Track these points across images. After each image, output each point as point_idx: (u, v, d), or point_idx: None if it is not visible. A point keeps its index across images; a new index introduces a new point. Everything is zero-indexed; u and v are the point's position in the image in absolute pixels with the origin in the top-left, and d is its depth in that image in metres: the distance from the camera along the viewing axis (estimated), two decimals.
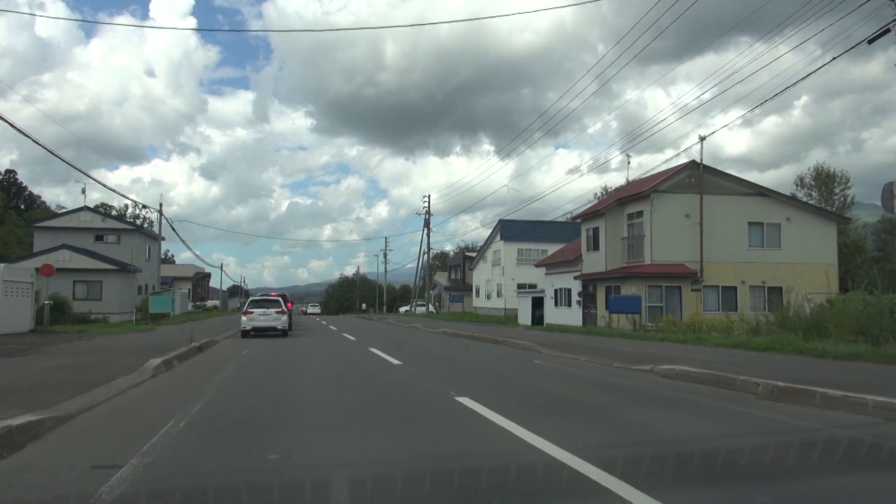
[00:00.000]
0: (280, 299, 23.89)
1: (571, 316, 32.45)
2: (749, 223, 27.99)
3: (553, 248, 43.71)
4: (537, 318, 35.56)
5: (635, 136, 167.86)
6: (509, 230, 50.30)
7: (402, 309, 76.90)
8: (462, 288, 64.84)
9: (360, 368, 12.51)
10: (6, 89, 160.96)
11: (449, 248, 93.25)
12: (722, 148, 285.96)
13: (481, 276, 56.74)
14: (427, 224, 60.31)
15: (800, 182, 59.84)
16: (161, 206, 43.87)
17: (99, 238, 41.67)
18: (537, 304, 36.59)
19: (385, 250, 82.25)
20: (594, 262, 30.49)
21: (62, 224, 41.85)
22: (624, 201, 29.62)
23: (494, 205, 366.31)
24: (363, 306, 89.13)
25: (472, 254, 66.62)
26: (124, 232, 43.30)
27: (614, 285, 28.18)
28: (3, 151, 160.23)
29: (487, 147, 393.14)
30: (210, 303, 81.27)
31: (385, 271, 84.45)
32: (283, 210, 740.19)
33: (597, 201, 41.69)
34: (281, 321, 22.97)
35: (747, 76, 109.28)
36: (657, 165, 63.86)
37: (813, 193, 57.02)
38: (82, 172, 45.95)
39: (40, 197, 77.10)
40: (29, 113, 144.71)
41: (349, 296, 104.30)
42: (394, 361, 13.16)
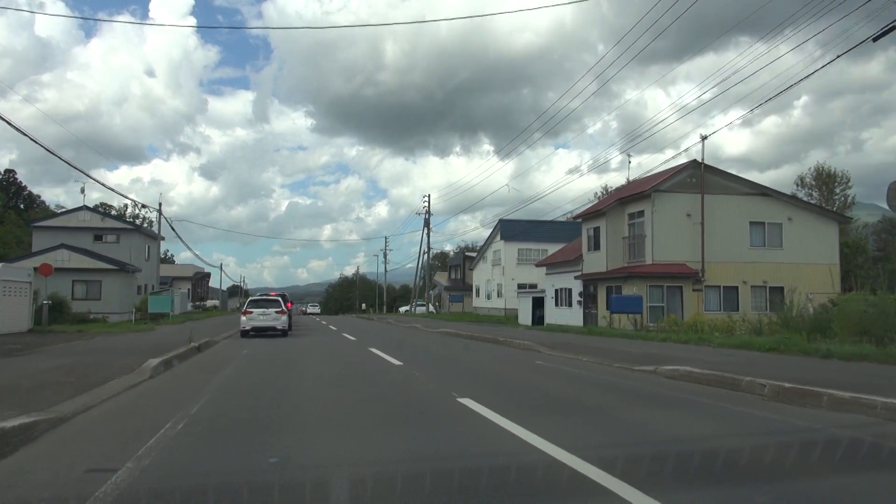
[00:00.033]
0: (280, 299, 23.78)
1: (572, 316, 32.36)
2: (751, 223, 27.90)
3: (553, 248, 43.63)
4: (538, 318, 35.47)
5: (635, 137, 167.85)
6: (509, 230, 50.19)
7: (402, 309, 76.77)
8: (462, 288, 64.73)
9: (361, 369, 12.45)
10: (6, 89, 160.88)
11: (449, 248, 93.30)
12: (722, 148, 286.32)
13: (481, 276, 56.64)
14: (427, 224, 60.25)
15: (800, 182, 59.82)
16: (160, 206, 43.76)
17: (98, 238, 41.57)
18: (538, 304, 36.50)
19: (385, 250, 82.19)
20: (595, 262, 30.39)
21: (61, 224, 41.75)
22: (625, 201, 29.51)
23: (494, 205, 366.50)
24: (363, 306, 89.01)
25: (472, 254, 66.51)
26: (123, 231, 43.20)
27: (615, 285, 28.08)
28: (3, 151, 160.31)
29: (487, 147, 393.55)
30: (210, 303, 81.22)
31: (385, 271, 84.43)
32: (283, 210, 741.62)
33: (597, 201, 41.60)
34: (280, 321, 22.87)
35: (747, 76, 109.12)
36: (657, 165, 63.80)
37: (813, 193, 56.93)
38: (82, 172, 45.85)
39: (40, 196, 77.03)
40: (29, 113, 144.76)
41: (349, 296, 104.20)
42: (394, 362, 13.07)
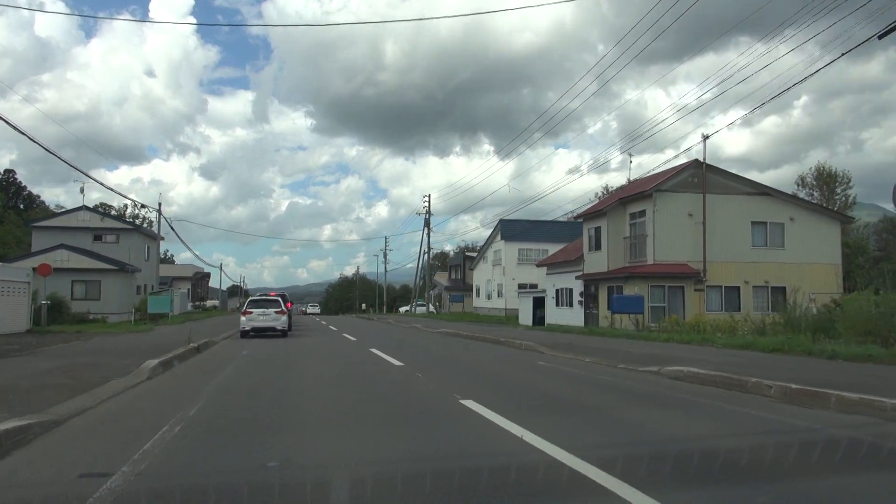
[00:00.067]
0: (279, 299, 23.63)
1: (573, 316, 32.24)
2: (752, 222, 27.77)
3: (554, 248, 43.51)
4: (538, 319, 35.34)
5: (635, 137, 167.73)
6: (510, 230, 50.06)
7: (403, 309, 76.64)
8: (462, 288, 64.61)
9: (361, 369, 12.36)
10: (6, 89, 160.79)
11: (449, 248, 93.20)
12: (722, 148, 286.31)
13: (482, 276, 56.51)
14: (427, 224, 60.09)
15: (801, 182, 59.70)
16: (160, 206, 43.61)
17: (97, 238, 41.43)
18: (538, 305, 36.38)
19: (385, 250, 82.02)
20: (596, 262, 30.27)
21: (60, 224, 41.61)
22: (626, 201, 29.39)
23: (494, 205, 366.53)
24: (363, 306, 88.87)
25: (473, 254, 66.39)
26: (123, 231, 43.07)
27: (616, 285, 27.96)
28: (3, 151, 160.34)
29: (487, 147, 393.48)
30: (209, 303, 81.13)
31: (385, 271, 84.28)
32: (283, 210, 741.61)
33: (598, 201, 41.49)
34: (280, 321, 22.73)
35: (748, 77, 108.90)
36: (658, 166, 63.67)
37: (814, 193, 56.81)
38: (82, 172, 45.54)
39: (39, 196, 76.91)
40: (29, 113, 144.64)
41: (349, 296, 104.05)
42: (395, 362, 12.95)
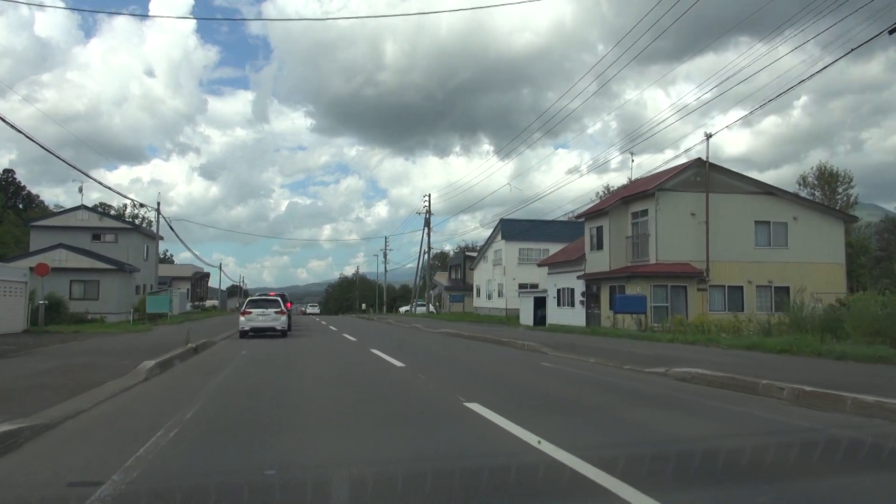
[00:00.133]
0: (279, 299, 23.42)
1: (575, 316, 32.04)
2: (756, 222, 27.57)
3: (555, 248, 43.34)
4: (539, 319, 35.13)
5: (635, 137, 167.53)
6: (510, 229, 49.86)
7: (403, 309, 76.44)
8: (463, 288, 64.42)
9: (361, 370, 12.24)
10: (6, 89, 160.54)
11: (448, 248, 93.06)
12: (722, 148, 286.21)
13: (482, 276, 56.30)
14: (427, 223, 59.88)
15: (802, 181, 59.54)
16: (159, 205, 43.38)
17: (96, 237, 41.20)
18: (539, 304, 36.16)
19: (385, 250, 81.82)
20: (598, 262, 30.08)
21: (59, 223, 41.37)
22: (628, 200, 29.19)
23: (494, 205, 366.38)
24: (363, 306, 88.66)
25: (473, 254, 66.20)
26: (122, 231, 42.84)
27: (619, 285, 27.76)
28: (3, 151, 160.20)
29: (487, 147, 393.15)
30: (209, 303, 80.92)
31: (385, 271, 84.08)
32: (283, 210, 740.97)
33: (599, 200, 41.30)
34: (280, 321, 22.53)
35: (748, 77, 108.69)
36: (658, 166, 63.46)
37: (816, 193, 56.64)
38: (81, 172, 45.17)
39: (38, 196, 76.69)
40: (28, 113, 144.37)
41: (349, 296, 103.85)
42: (396, 363, 12.76)
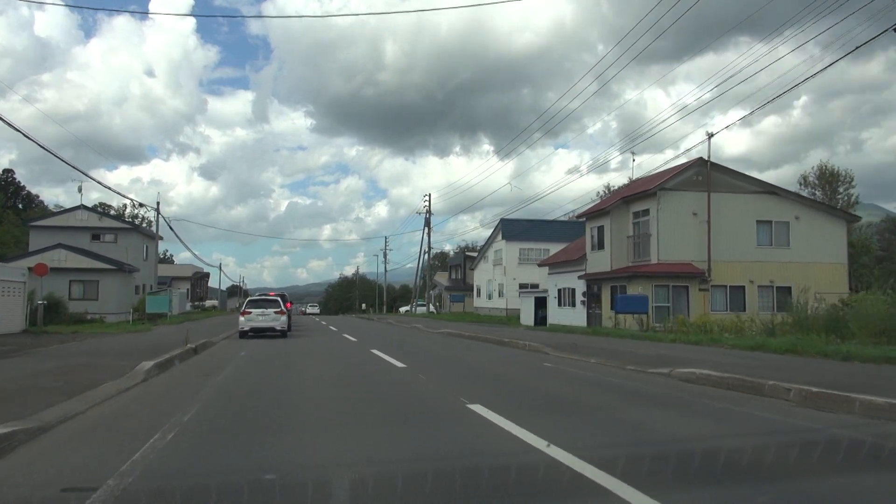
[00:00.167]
0: (279, 299, 23.29)
1: (576, 316, 31.93)
2: (757, 221, 27.47)
3: (555, 248, 43.23)
4: (540, 319, 35.02)
5: (635, 137, 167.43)
6: (511, 229, 49.73)
7: (403, 309, 76.33)
8: (463, 288, 64.31)
9: (361, 369, 12.20)
10: (6, 89, 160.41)
11: (448, 248, 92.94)
12: (722, 148, 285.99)
13: (482, 276, 56.19)
14: (428, 223, 59.77)
15: (803, 181, 59.43)
16: (158, 205, 43.29)
17: (95, 237, 41.07)
18: (540, 305, 36.05)
19: (385, 250, 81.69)
20: (599, 262, 29.97)
21: (58, 223, 41.22)
22: (629, 199, 29.08)
23: (494, 205, 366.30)
24: (363, 306, 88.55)
25: (473, 253, 66.09)
26: (121, 231, 42.71)
27: (620, 285, 27.65)
28: (2, 151, 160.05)
29: (487, 147, 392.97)
30: (209, 303, 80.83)
31: (385, 271, 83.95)
32: (283, 210, 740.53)
33: (600, 200, 41.18)
34: (280, 322, 22.42)
35: (748, 77, 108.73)
36: (659, 166, 63.28)
37: (817, 193, 56.52)
38: (81, 172, 44.93)
39: (38, 196, 76.53)
40: (28, 113, 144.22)
41: (349, 296, 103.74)
42: (397, 364, 12.66)
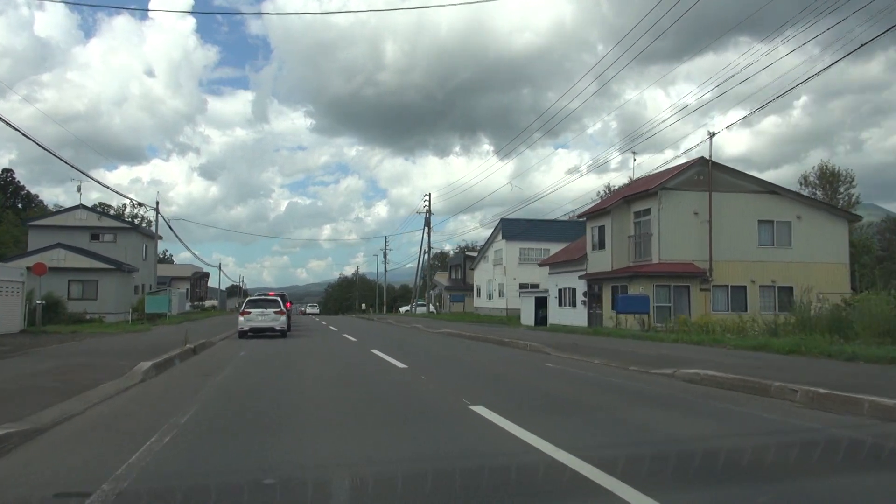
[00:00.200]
0: (278, 299, 23.19)
1: (576, 316, 31.82)
2: (759, 221, 27.36)
3: (556, 248, 43.12)
4: (540, 319, 34.92)
5: (635, 137, 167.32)
6: (511, 229, 49.62)
7: (403, 309, 76.22)
8: (463, 288, 64.21)
9: (361, 369, 12.12)
10: (5, 89, 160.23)
11: (448, 248, 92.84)
12: (722, 148, 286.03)
13: (482, 276, 56.09)
14: (428, 223, 59.65)
15: (804, 181, 59.33)
16: (157, 205, 43.20)
17: (95, 237, 40.95)
18: (540, 304, 35.95)
19: (385, 250, 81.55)
20: (600, 262, 29.87)
21: (57, 223, 41.10)
22: (630, 199, 28.98)
23: (494, 205, 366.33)
24: (363, 306, 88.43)
25: (473, 253, 65.98)
26: (120, 231, 42.59)
27: (621, 285, 27.54)
28: (2, 151, 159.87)
29: (487, 147, 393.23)
30: (208, 303, 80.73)
31: (385, 271, 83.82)
32: (283, 210, 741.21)
33: (601, 199, 41.08)
34: (279, 321, 22.31)
35: (748, 77, 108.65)
36: (658, 166, 63.17)
37: (817, 192, 56.42)
38: (81, 172, 44.83)
39: (38, 196, 76.36)
40: (28, 113, 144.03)
41: (348, 296, 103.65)
42: (397, 364, 12.56)
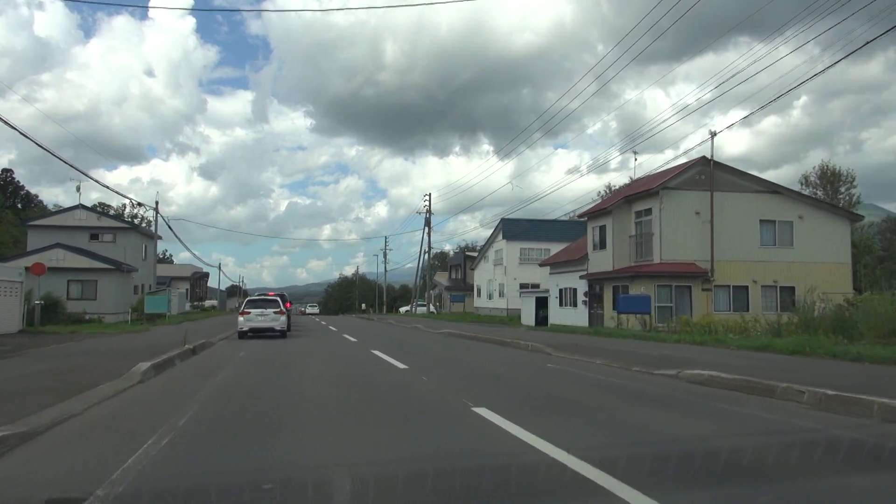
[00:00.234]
0: (278, 299, 23.06)
1: (577, 316, 31.71)
2: (761, 221, 27.25)
3: (556, 248, 43.03)
4: (541, 319, 34.82)
5: (635, 137, 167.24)
6: (511, 229, 49.53)
7: (403, 309, 76.12)
8: (463, 288, 64.11)
9: (362, 369, 12.05)
10: (5, 89, 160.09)
11: (448, 248, 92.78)
12: (721, 148, 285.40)
13: (483, 276, 55.98)
14: (428, 223, 59.54)
15: (805, 181, 59.27)
16: (157, 204, 43.10)
17: (94, 237, 40.83)
18: (541, 305, 35.85)
19: (385, 250, 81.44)
20: (601, 261, 29.76)
21: (56, 223, 40.98)
22: (632, 198, 28.87)
23: (494, 205, 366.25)
24: (363, 306, 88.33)
25: (473, 253, 65.88)
26: (120, 230, 42.47)
27: (622, 285, 27.44)
28: (2, 151, 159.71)
29: (487, 147, 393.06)
30: (208, 303, 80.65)
31: (385, 271, 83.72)
32: (282, 210, 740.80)
33: (601, 199, 41.00)
34: (279, 322, 22.19)
35: (748, 77, 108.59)
36: (659, 166, 63.14)
37: (818, 192, 56.34)
38: (80, 172, 44.80)
39: (37, 196, 76.26)
40: (28, 112, 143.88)
41: (348, 296, 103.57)
42: (398, 365, 12.44)
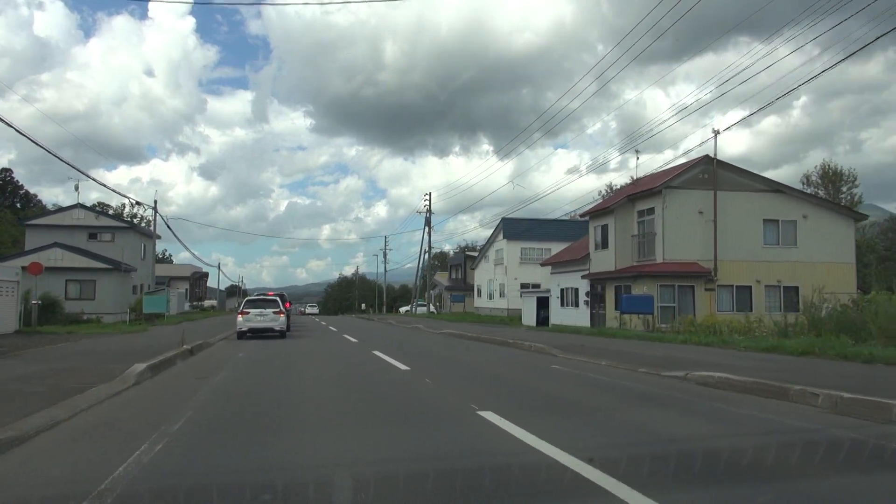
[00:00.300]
0: (278, 299, 22.84)
1: (579, 316, 31.49)
2: (764, 220, 27.01)
3: (557, 247, 42.80)
4: (542, 319, 34.60)
5: (635, 137, 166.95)
6: (512, 229, 49.29)
7: (403, 309, 75.90)
8: (463, 288, 63.89)
9: (362, 370, 11.87)
10: (5, 89, 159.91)
11: (448, 248, 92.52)
12: (722, 148, 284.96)
13: (483, 276, 55.75)
14: (428, 223, 59.30)
15: (806, 180, 59.04)
16: (156, 204, 42.81)
17: (92, 236, 40.60)
18: (542, 305, 35.63)
19: (385, 250, 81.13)
20: (603, 261, 29.53)
21: (55, 222, 40.74)
22: (634, 198, 28.64)
23: (494, 205, 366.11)
24: (363, 306, 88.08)
25: (473, 253, 65.65)
26: (118, 230, 42.23)
27: (624, 285, 27.21)
28: (1, 151, 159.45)
29: (487, 147, 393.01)
30: (207, 303, 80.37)
31: (385, 271, 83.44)
32: (282, 210, 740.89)
33: (602, 199, 40.78)
34: (278, 322, 21.98)
35: (748, 78, 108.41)
36: (659, 166, 62.94)
37: (819, 192, 56.13)
38: (80, 171, 44.81)
39: (37, 196, 75.98)
40: (28, 112, 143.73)
41: (348, 296, 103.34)
42: (399, 366, 12.23)
